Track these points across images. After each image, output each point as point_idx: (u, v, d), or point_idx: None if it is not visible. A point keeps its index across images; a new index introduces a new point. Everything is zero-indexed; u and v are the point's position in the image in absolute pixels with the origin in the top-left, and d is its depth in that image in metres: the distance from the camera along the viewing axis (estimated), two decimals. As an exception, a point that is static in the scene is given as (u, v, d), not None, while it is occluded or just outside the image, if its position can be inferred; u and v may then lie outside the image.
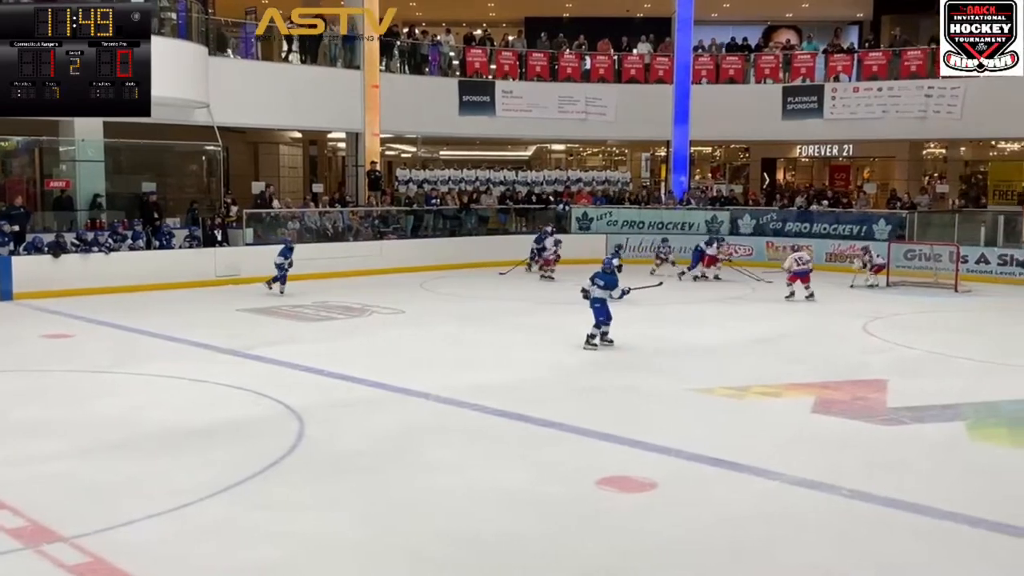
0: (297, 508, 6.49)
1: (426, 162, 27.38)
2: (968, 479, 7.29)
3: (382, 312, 15.48)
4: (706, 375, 10.77)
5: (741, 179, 30.00)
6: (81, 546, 5.73)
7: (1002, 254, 20.42)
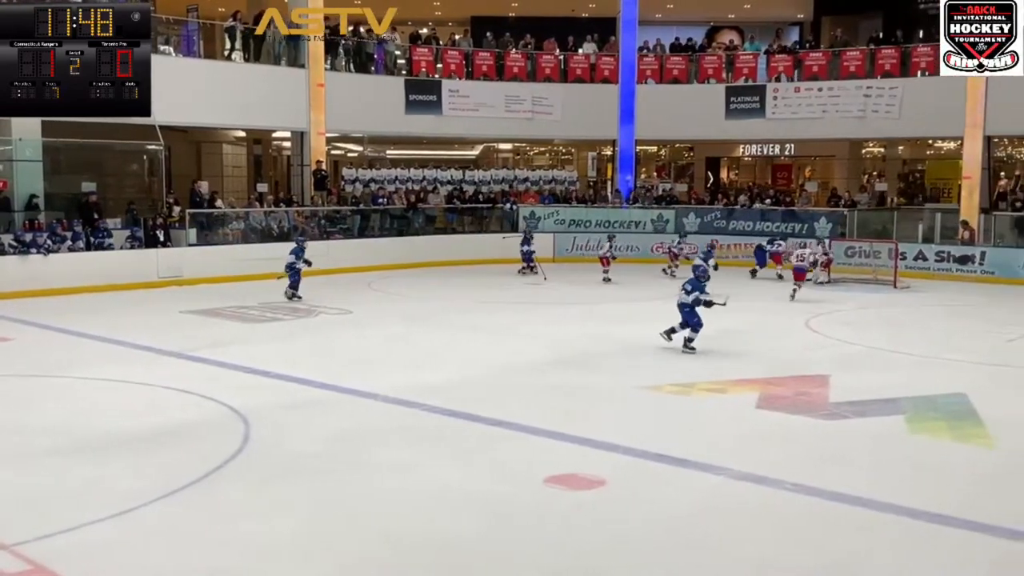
0: (243, 512, 6.42)
1: (373, 161, 27.21)
2: (908, 472, 7.45)
3: (329, 312, 15.37)
4: (653, 372, 10.87)
5: (686, 178, 30.29)
6: (21, 553, 5.61)
7: (939, 251, 20.91)
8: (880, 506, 6.56)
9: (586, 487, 6.95)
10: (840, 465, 7.55)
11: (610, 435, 8.23)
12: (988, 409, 9.21)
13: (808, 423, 8.83)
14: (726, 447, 7.97)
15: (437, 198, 24.35)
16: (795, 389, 10.09)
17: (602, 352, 12.16)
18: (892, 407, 9.36)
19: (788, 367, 11.19)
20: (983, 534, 6.09)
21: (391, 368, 11.07)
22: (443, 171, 25.70)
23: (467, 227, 24.58)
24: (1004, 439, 8.29)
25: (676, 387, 10.16)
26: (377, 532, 6.08)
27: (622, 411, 9.28)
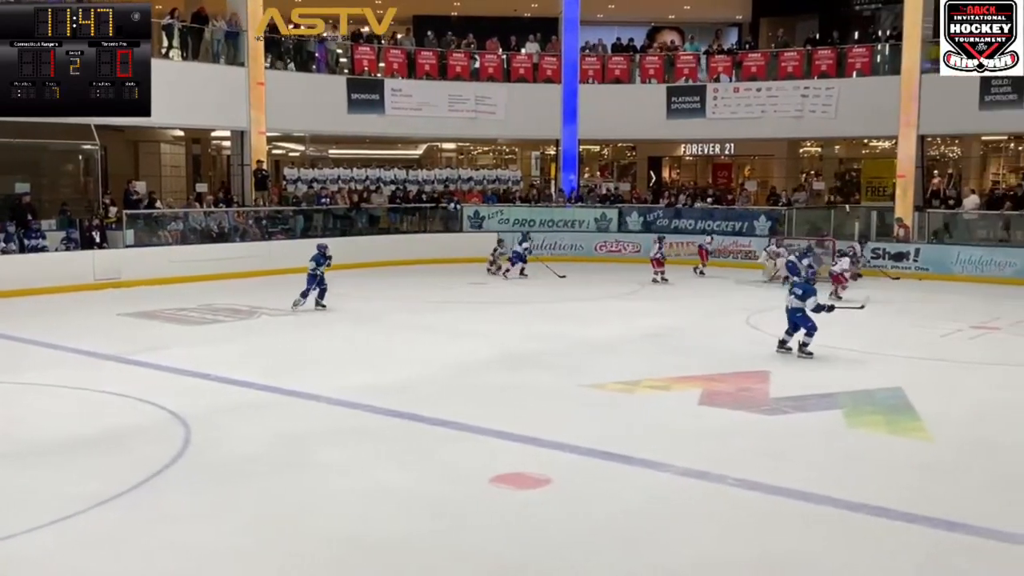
0: (185, 517, 6.32)
1: (315, 161, 26.97)
2: (847, 465, 7.60)
3: (271, 314, 15.20)
4: (598, 370, 10.93)
5: (628, 177, 30.53)
6: (-47, 565, 5.47)
7: (875, 248, 21.35)
8: (819, 499, 6.68)
9: (532, 486, 6.96)
10: (781, 460, 7.67)
11: (556, 434, 8.26)
12: (924, 403, 9.43)
13: (750, 419, 8.95)
14: (670, 444, 8.05)
15: (380, 198, 24.22)
16: (737, 385, 10.22)
17: (547, 351, 12.19)
18: (831, 402, 9.53)
19: (730, 364, 11.34)
20: (920, 525, 6.23)
21: (335, 369, 10.98)
22: (386, 171, 25.56)
23: (411, 227, 24.48)
24: (940, 432, 8.49)
25: (620, 385, 10.23)
26: (322, 534, 6.03)
27: (567, 410, 9.32)
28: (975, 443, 8.17)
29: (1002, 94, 21.26)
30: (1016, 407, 9.52)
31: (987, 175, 27.09)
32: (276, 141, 26.23)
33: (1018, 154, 27.53)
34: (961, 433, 8.48)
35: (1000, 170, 27.44)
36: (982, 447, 8.05)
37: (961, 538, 6.03)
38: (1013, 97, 21.05)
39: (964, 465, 7.59)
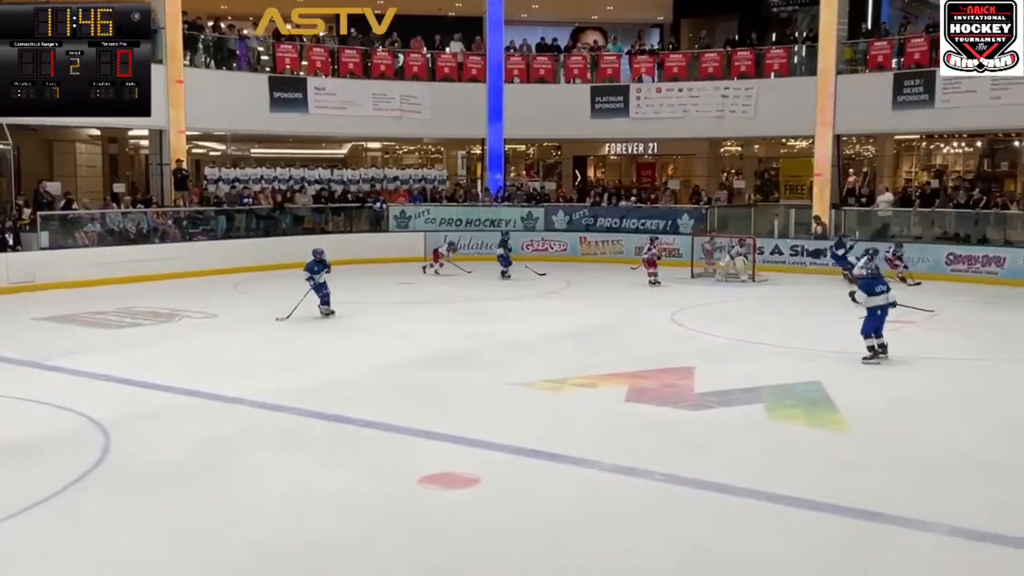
0: (106, 526, 6.18)
1: (237, 160, 26.53)
2: (769, 458, 7.77)
3: (193, 316, 14.92)
4: (526, 369, 10.98)
5: (554, 176, 30.71)
6: None
7: (794, 245, 21.85)
8: (743, 492, 6.83)
9: (461, 486, 6.97)
10: (706, 454, 7.81)
11: (484, 433, 8.28)
12: (841, 395, 9.69)
13: (675, 414, 9.09)
14: (597, 440, 8.13)
15: (305, 197, 23.93)
16: (662, 381, 10.37)
17: (475, 350, 12.21)
18: (753, 396, 9.73)
19: (655, 360, 11.50)
20: (839, 516, 6.41)
21: (259, 371, 10.83)
22: (310, 170, 25.28)
23: (336, 227, 24.25)
24: (856, 424, 8.74)
25: (547, 383, 10.29)
26: (248, 539, 5.95)
27: (495, 409, 9.34)
28: (890, 434, 8.42)
29: (914, 95, 21.96)
30: (928, 399, 9.84)
31: (900, 173, 27.93)
32: (196, 140, 25.72)
33: (930, 153, 28.44)
34: (877, 425, 8.73)
35: (913, 168, 28.32)
36: (896, 439, 8.30)
37: (878, 527, 6.22)
38: (925, 97, 21.74)
39: (879, 456, 7.83)
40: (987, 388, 10.37)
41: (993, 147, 26.65)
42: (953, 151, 28.02)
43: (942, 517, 6.30)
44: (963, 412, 9.25)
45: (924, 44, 22.29)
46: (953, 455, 7.83)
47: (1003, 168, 26.75)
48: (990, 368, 11.46)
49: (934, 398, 9.87)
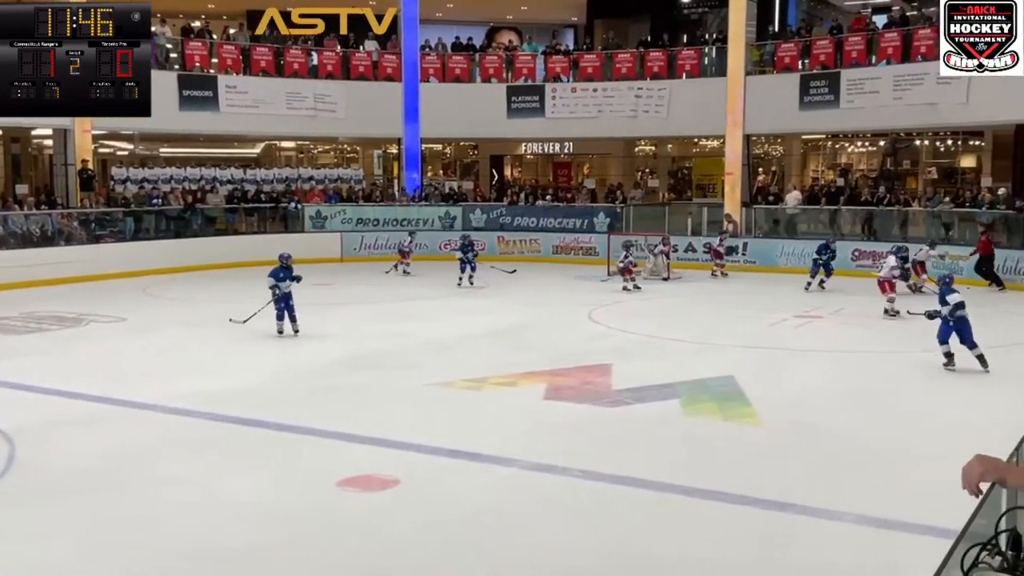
0: (13, 538, 5.97)
1: (145, 160, 25.86)
2: (684, 452, 7.92)
3: (101, 321, 14.50)
4: (444, 369, 10.97)
5: (471, 176, 30.72)
6: None
7: (706, 243, 22.25)
8: (660, 486, 6.94)
9: (380, 487, 6.94)
10: (624, 450, 7.92)
11: (403, 434, 8.25)
12: (753, 389, 9.92)
13: (593, 411, 9.19)
14: (517, 439, 8.17)
15: (216, 198, 23.45)
16: (580, 379, 10.47)
17: (393, 351, 12.15)
18: (668, 392, 9.90)
19: (573, 358, 11.59)
20: (752, 507, 6.56)
21: (171, 377, 10.58)
22: (222, 170, 24.79)
23: (250, 228, 23.83)
24: (768, 416, 8.95)
25: (467, 383, 10.30)
26: (163, 548, 5.82)
27: (415, 409, 9.31)
28: (800, 427, 8.66)
29: (820, 95, 22.58)
30: (836, 392, 10.13)
31: (807, 172, 28.71)
32: (102, 139, 25.01)
33: (835, 152, 29.29)
34: (787, 417, 8.96)
35: (819, 167, 29.13)
36: (806, 431, 8.53)
37: (791, 518, 6.39)
38: (830, 98, 22.37)
39: (791, 448, 8.04)
40: (891, 380, 10.72)
41: (895, 146, 27.59)
42: (857, 150, 28.94)
43: (851, 506, 6.50)
44: (869, 404, 9.55)
45: (829, 46, 22.95)
46: (860, 445, 8.08)
47: (905, 166, 27.74)
48: (894, 361, 11.85)
49: (841, 390, 10.17)
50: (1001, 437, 3.70)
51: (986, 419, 8.62)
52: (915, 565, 5.11)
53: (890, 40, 22.14)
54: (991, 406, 9.22)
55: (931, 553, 2.76)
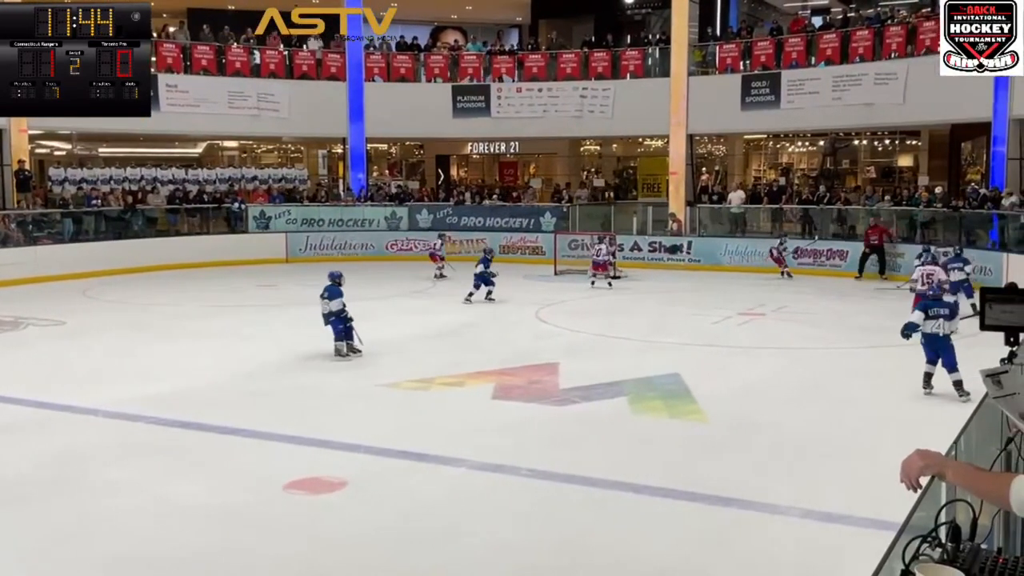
0: (-54, 549, 5.82)
1: (84, 160, 25.34)
2: (632, 449, 7.98)
3: (39, 324, 14.18)
4: (392, 369, 10.92)
5: (417, 175, 30.62)
6: None
7: (652, 241, 22.46)
8: (608, 484, 6.99)
9: (328, 489, 6.88)
10: (572, 448, 7.95)
11: (350, 435, 8.20)
12: (698, 386, 10.03)
13: (541, 410, 9.22)
14: (465, 439, 8.16)
15: (158, 198, 23.06)
16: (528, 378, 10.49)
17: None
18: (616, 390, 9.96)
19: (521, 357, 11.61)
20: (698, 503, 6.64)
21: (111, 381, 10.38)
22: (163, 170, 24.37)
23: (192, 228, 23.48)
24: (713, 413, 9.06)
25: (415, 383, 10.27)
26: (104, 554, 5.71)
27: (362, 410, 9.26)
28: (745, 423, 8.77)
29: (761, 95, 22.93)
30: (780, 387, 10.29)
31: (750, 171, 29.10)
32: (39, 139, 24.46)
33: (776, 151, 29.73)
34: (733, 414, 9.07)
35: (761, 166, 29.55)
36: (751, 426, 8.64)
37: (737, 513, 6.47)
38: (771, 98, 22.72)
39: (736, 444, 8.14)
40: (831, 375, 10.91)
41: (835, 146, 28.10)
42: (798, 150, 29.40)
43: (796, 500, 6.60)
44: (811, 399, 9.72)
45: (770, 47, 23.31)
46: (804, 440, 8.22)
47: (844, 165, 28.27)
48: (834, 356, 12.07)
49: (784, 386, 10.33)
50: (941, 431, 3.79)
51: (926, 413, 8.82)
52: (858, 558, 5.21)
53: (828, 41, 22.57)
54: (932, 400, 9.43)
55: (875, 546, 2.82)
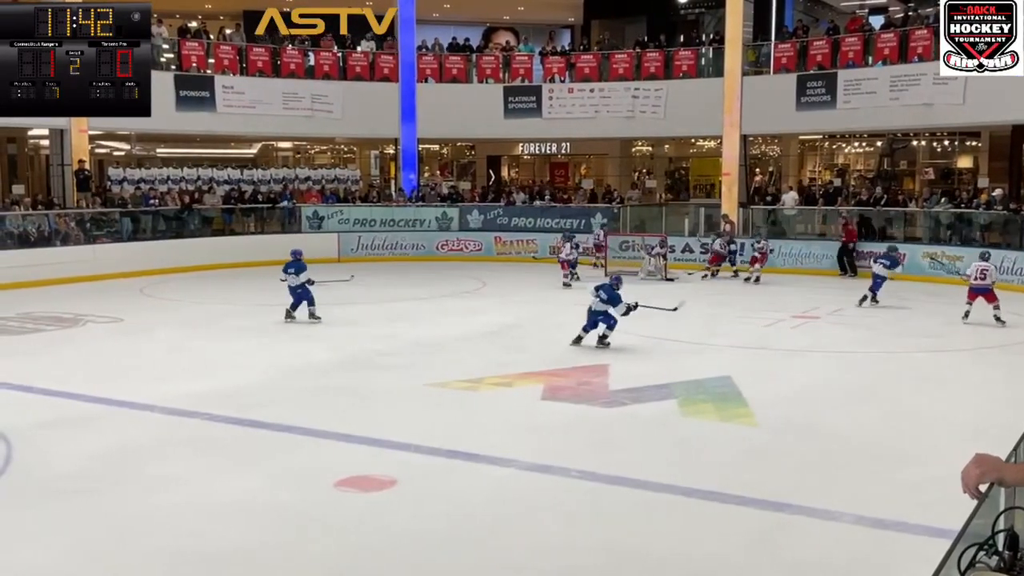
0: (11, 537, 5.97)
1: (142, 160, 25.83)
2: (681, 452, 7.91)
3: (98, 321, 14.48)
4: (440, 369, 10.95)
5: (468, 176, 30.71)
6: None
7: (704, 243, 22.24)
8: (657, 487, 6.93)
9: (378, 488, 6.93)
10: (620, 450, 7.91)
11: (400, 434, 8.24)
12: (750, 390, 9.92)
13: (590, 411, 9.19)
14: (514, 439, 8.16)
15: (213, 198, 23.43)
16: (577, 379, 10.46)
17: (389, 351, 12.13)
18: (665, 392, 9.89)
19: (570, 358, 11.59)
20: (749, 507, 6.56)
21: (167, 377, 10.56)
22: (219, 170, 24.77)
23: (247, 228, 23.81)
24: (765, 417, 8.95)
25: (463, 383, 10.29)
26: (157, 548, 5.81)
27: (411, 409, 9.30)
28: (796, 427, 8.65)
29: (817, 95, 22.59)
30: (832, 391, 10.14)
31: (804, 172, 28.72)
32: (99, 140, 24.98)
33: (832, 152, 29.30)
34: (784, 418, 8.95)
35: (816, 167, 29.15)
36: (802, 431, 8.53)
37: (786, 518, 6.39)
38: (827, 98, 22.38)
39: (787, 448, 8.04)
40: (886, 380, 10.73)
41: (892, 146, 27.60)
42: (854, 150, 28.94)
43: (847, 506, 6.50)
44: (864, 404, 9.56)
45: (826, 46, 22.97)
46: (856, 445, 8.09)
47: (902, 167, 27.75)
48: (889, 361, 11.86)
49: (837, 390, 10.17)
50: (999, 436, 3.70)
51: (983, 418, 8.63)
52: (911, 566, 5.12)
53: (886, 41, 22.17)
54: (988, 405, 9.23)
55: (928, 554, 2.76)
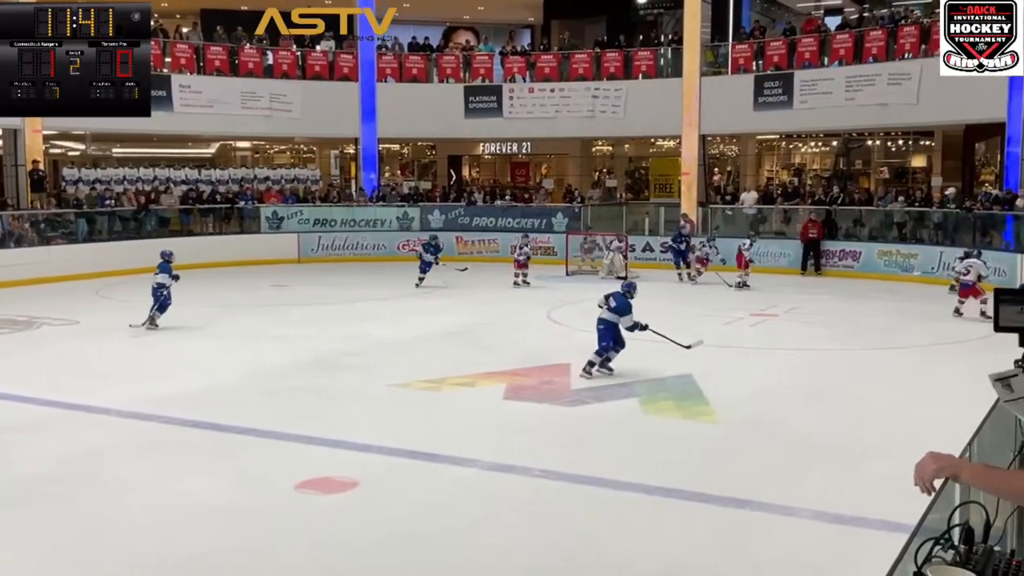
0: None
1: (97, 160, 25.46)
2: (643, 450, 7.97)
3: (53, 323, 14.26)
4: (403, 370, 10.93)
5: (429, 176, 30.65)
6: None
7: (664, 242, 22.38)
8: (619, 485, 6.98)
9: (339, 489, 6.90)
10: (583, 449, 7.95)
11: (361, 435, 8.22)
12: (711, 387, 10.02)
13: (553, 411, 9.22)
14: (476, 439, 8.17)
15: (171, 198, 23.14)
16: (540, 379, 10.50)
17: (351, 352, 12.08)
18: (627, 391, 9.96)
19: (533, 358, 11.62)
20: (711, 504, 6.63)
21: (126, 380, 10.43)
22: (176, 170, 24.47)
23: (205, 228, 23.56)
24: (725, 414, 9.05)
25: (426, 383, 10.28)
26: (123, 554, 5.75)
27: (373, 410, 9.28)
28: (757, 424, 8.75)
29: (774, 96, 22.85)
30: (792, 389, 10.27)
31: (762, 172, 29.02)
32: (53, 140, 24.59)
33: (789, 151, 29.64)
34: (744, 415, 9.05)
35: (774, 166, 29.46)
36: (763, 428, 8.63)
37: (748, 514, 6.46)
38: (784, 99, 22.64)
39: (748, 445, 8.13)
40: (844, 377, 10.87)
41: (848, 146, 27.99)
42: (811, 150, 29.30)
43: (808, 502, 6.59)
44: (823, 400, 9.69)
45: (782, 47, 23.24)
46: (816, 442, 8.20)
47: (857, 166, 28.15)
48: (847, 358, 12.03)
49: (796, 388, 10.30)
50: (954, 432, 3.78)
51: (939, 415, 8.78)
52: (871, 560, 5.20)
53: (842, 42, 22.48)
54: (945, 402, 9.39)
55: (887, 547, 2.82)
